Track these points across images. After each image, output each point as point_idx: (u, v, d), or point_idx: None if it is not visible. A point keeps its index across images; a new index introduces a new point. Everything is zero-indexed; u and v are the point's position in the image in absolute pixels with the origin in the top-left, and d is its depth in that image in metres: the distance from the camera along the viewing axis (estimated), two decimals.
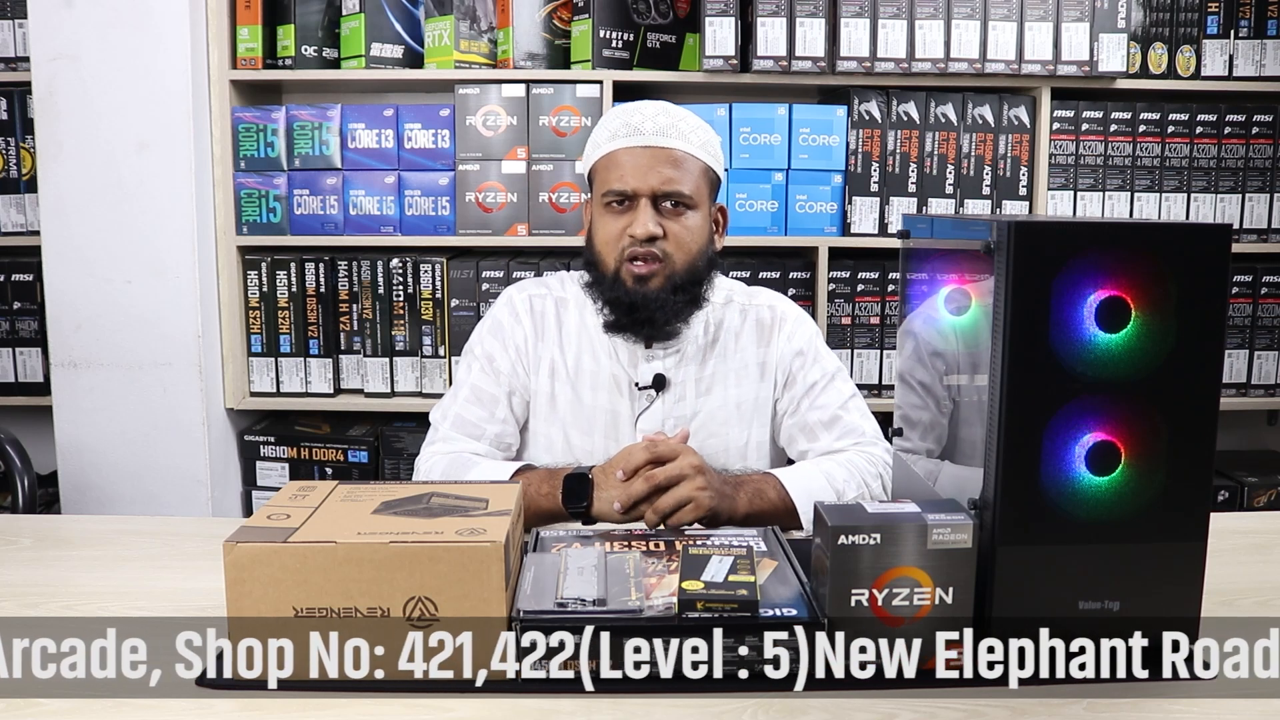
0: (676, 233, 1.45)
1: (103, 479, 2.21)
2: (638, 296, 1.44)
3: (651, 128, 1.45)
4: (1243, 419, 2.61)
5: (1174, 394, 0.96)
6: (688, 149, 1.45)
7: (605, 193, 1.46)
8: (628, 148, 1.45)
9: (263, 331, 2.33)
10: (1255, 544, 1.37)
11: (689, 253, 1.46)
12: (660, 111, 1.47)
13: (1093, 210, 2.33)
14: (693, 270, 1.47)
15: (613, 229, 1.46)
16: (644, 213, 1.43)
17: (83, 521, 1.84)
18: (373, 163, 2.30)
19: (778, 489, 1.41)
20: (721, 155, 1.53)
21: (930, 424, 1.20)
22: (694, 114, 1.51)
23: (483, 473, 1.45)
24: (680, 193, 1.44)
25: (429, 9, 2.30)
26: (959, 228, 1.12)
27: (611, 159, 1.46)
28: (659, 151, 1.44)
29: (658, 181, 1.43)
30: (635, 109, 1.48)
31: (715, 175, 1.51)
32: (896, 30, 2.20)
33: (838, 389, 1.56)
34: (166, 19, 2.12)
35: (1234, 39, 2.32)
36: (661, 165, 1.43)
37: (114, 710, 0.92)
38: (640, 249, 1.43)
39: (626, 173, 1.44)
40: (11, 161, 2.34)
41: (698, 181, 1.46)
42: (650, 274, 1.44)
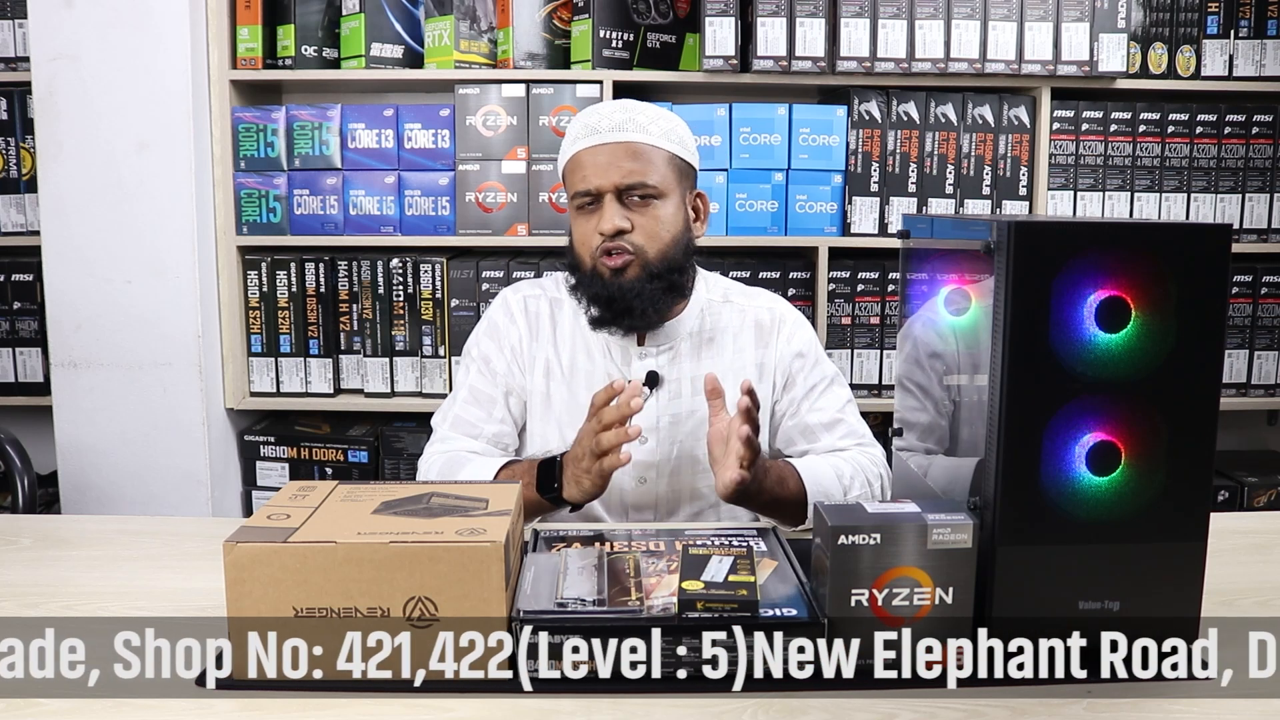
0: (644, 224, 1.45)
1: (103, 479, 2.21)
2: (614, 288, 1.45)
3: (608, 125, 1.46)
4: (1243, 419, 2.61)
5: (1174, 394, 0.96)
6: (647, 140, 1.46)
7: (574, 195, 1.48)
8: (588, 148, 1.46)
9: (263, 331, 2.33)
10: (1255, 544, 1.37)
11: (661, 242, 1.46)
12: (617, 109, 1.49)
13: (1093, 210, 2.33)
14: (667, 259, 1.47)
15: (585, 229, 1.47)
16: (609, 209, 1.44)
17: (83, 521, 1.84)
18: (373, 163, 2.30)
19: (797, 480, 1.43)
20: (691, 142, 1.53)
21: (929, 426, 1.20)
22: (656, 106, 1.52)
23: (474, 470, 1.46)
24: (643, 184, 1.45)
25: (429, 9, 2.30)
26: (959, 228, 1.12)
27: (575, 161, 1.48)
28: (617, 147, 1.45)
29: (619, 176, 1.44)
30: (594, 110, 1.50)
31: (684, 163, 1.50)
32: (896, 30, 2.20)
33: (836, 393, 1.57)
34: (166, 19, 2.12)
35: (1234, 39, 2.32)
36: (621, 159, 1.44)
37: (114, 710, 0.92)
38: (611, 243, 1.44)
39: (589, 172, 1.45)
40: (11, 161, 2.34)
41: (663, 171, 1.46)
42: (624, 265, 1.45)
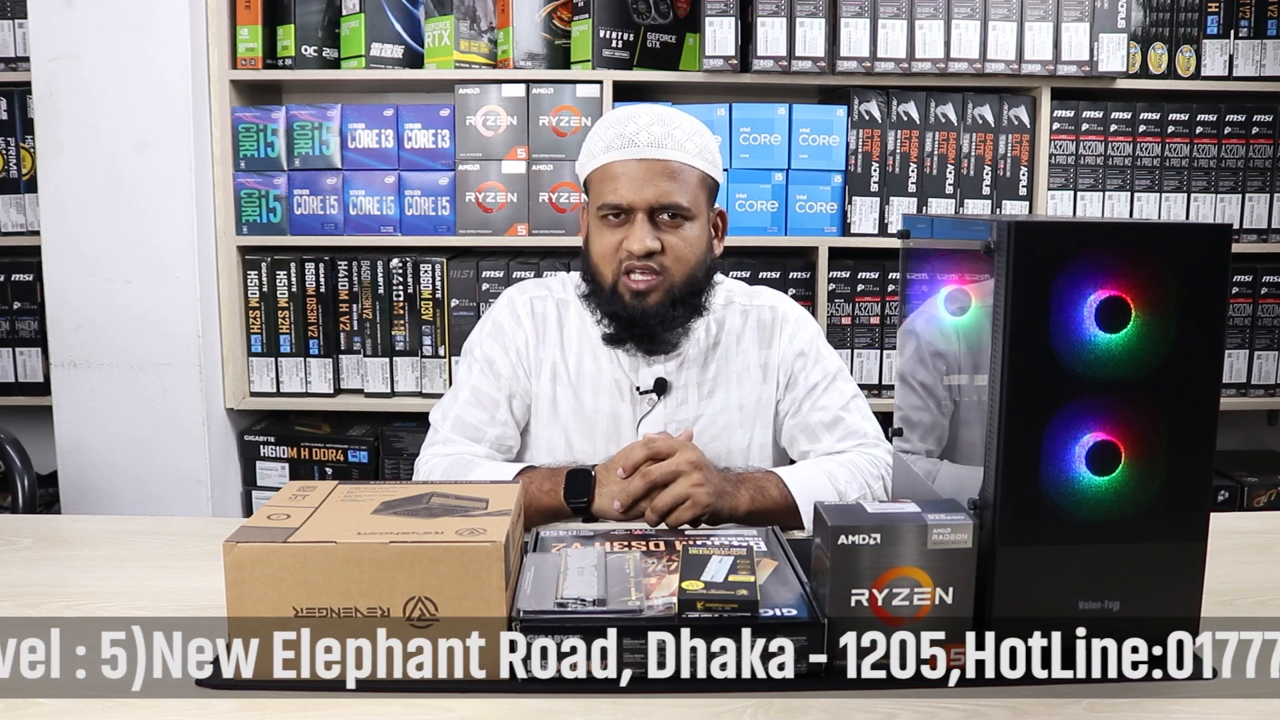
0: (674, 245, 1.43)
1: (103, 479, 2.21)
2: (636, 312, 1.43)
3: (646, 138, 1.42)
4: (1243, 419, 2.61)
5: (1174, 394, 0.96)
6: (684, 159, 1.43)
7: (600, 206, 1.44)
8: (622, 160, 1.42)
9: (263, 331, 2.33)
10: (1255, 544, 1.37)
11: (688, 264, 1.44)
12: (655, 120, 1.44)
13: (1093, 210, 2.33)
14: (692, 281, 1.45)
15: (609, 242, 1.44)
16: (640, 228, 1.41)
17: (83, 521, 1.84)
18: (373, 163, 2.30)
19: (779, 487, 1.41)
20: (719, 158, 1.50)
21: (931, 425, 1.20)
22: (690, 117, 1.48)
23: (485, 474, 1.45)
24: (677, 204, 1.42)
25: (429, 9, 2.30)
26: (959, 228, 1.12)
27: (606, 171, 1.43)
28: (654, 164, 1.41)
29: (654, 195, 1.41)
30: (629, 117, 1.45)
31: (713, 181, 1.48)
32: (896, 30, 2.20)
33: (839, 390, 1.56)
34: (166, 19, 2.12)
35: (1234, 39, 2.33)
36: (657, 178, 1.41)
37: (114, 710, 0.92)
38: (638, 263, 1.42)
39: (621, 186, 1.41)
40: (11, 161, 2.34)
41: (695, 191, 1.44)
42: (649, 289, 1.42)
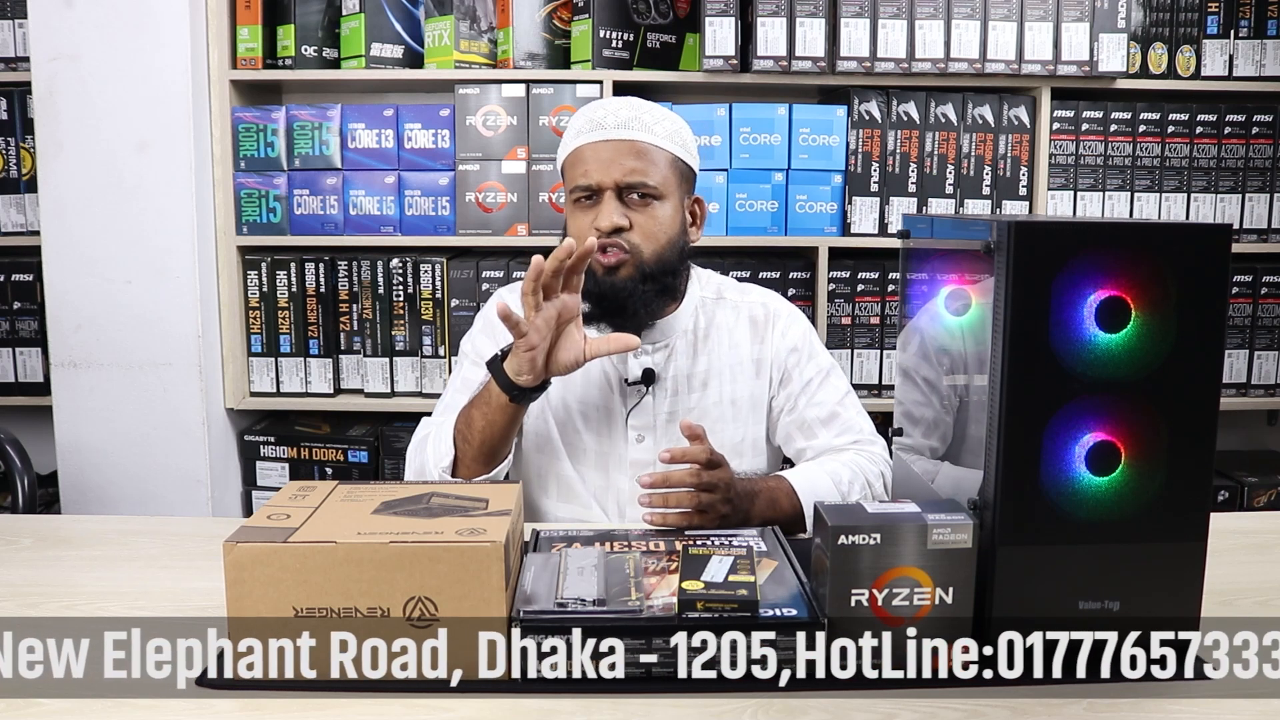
0: (643, 223, 1.45)
1: (103, 479, 2.21)
2: (606, 286, 1.44)
3: (614, 121, 1.45)
4: (1243, 419, 2.61)
5: (1174, 394, 0.96)
6: (651, 140, 1.45)
7: (572, 189, 1.47)
8: (591, 142, 1.45)
9: (263, 331, 2.33)
10: (1255, 544, 1.37)
11: (658, 243, 1.46)
12: (624, 105, 1.48)
13: (1093, 210, 2.33)
14: (662, 261, 1.46)
15: (582, 224, 1.46)
16: (608, 205, 1.44)
17: (83, 521, 1.84)
18: (373, 163, 2.30)
19: (791, 498, 1.41)
20: (694, 145, 1.52)
21: (934, 421, 1.19)
22: (662, 107, 1.51)
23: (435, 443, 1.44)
24: (645, 184, 1.44)
25: (429, 9, 2.30)
26: (959, 228, 1.12)
27: (577, 155, 1.47)
28: (621, 144, 1.44)
29: (620, 173, 1.43)
30: (600, 105, 1.49)
31: (686, 166, 1.50)
32: (896, 30, 2.20)
33: (834, 385, 1.56)
34: (166, 19, 2.13)
35: (1234, 39, 2.33)
36: (624, 157, 1.44)
37: (114, 710, 0.92)
38: (606, 240, 1.44)
39: (590, 167, 1.45)
40: (11, 161, 2.34)
41: (665, 172, 1.46)
42: (618, 263, 1.44)
